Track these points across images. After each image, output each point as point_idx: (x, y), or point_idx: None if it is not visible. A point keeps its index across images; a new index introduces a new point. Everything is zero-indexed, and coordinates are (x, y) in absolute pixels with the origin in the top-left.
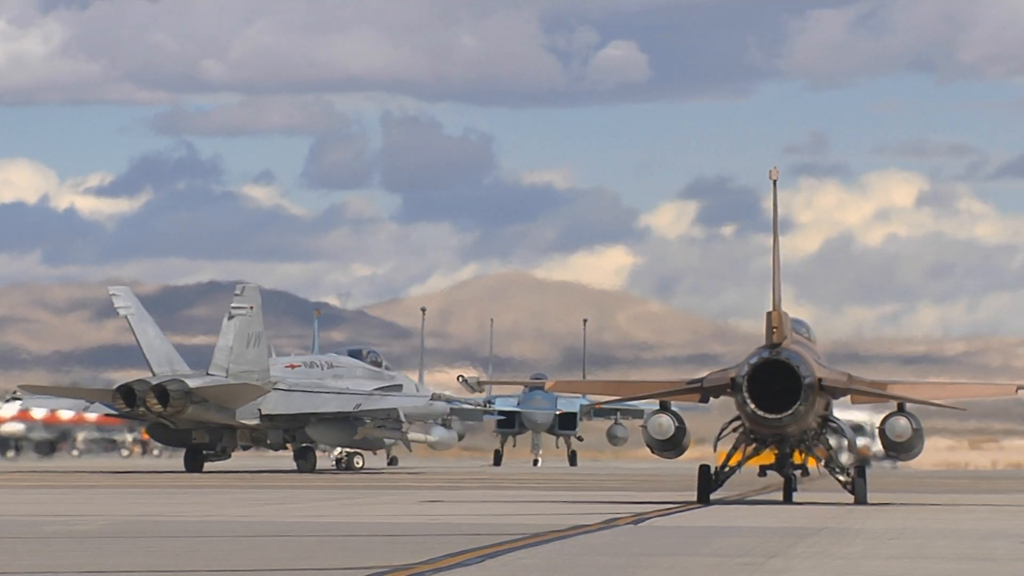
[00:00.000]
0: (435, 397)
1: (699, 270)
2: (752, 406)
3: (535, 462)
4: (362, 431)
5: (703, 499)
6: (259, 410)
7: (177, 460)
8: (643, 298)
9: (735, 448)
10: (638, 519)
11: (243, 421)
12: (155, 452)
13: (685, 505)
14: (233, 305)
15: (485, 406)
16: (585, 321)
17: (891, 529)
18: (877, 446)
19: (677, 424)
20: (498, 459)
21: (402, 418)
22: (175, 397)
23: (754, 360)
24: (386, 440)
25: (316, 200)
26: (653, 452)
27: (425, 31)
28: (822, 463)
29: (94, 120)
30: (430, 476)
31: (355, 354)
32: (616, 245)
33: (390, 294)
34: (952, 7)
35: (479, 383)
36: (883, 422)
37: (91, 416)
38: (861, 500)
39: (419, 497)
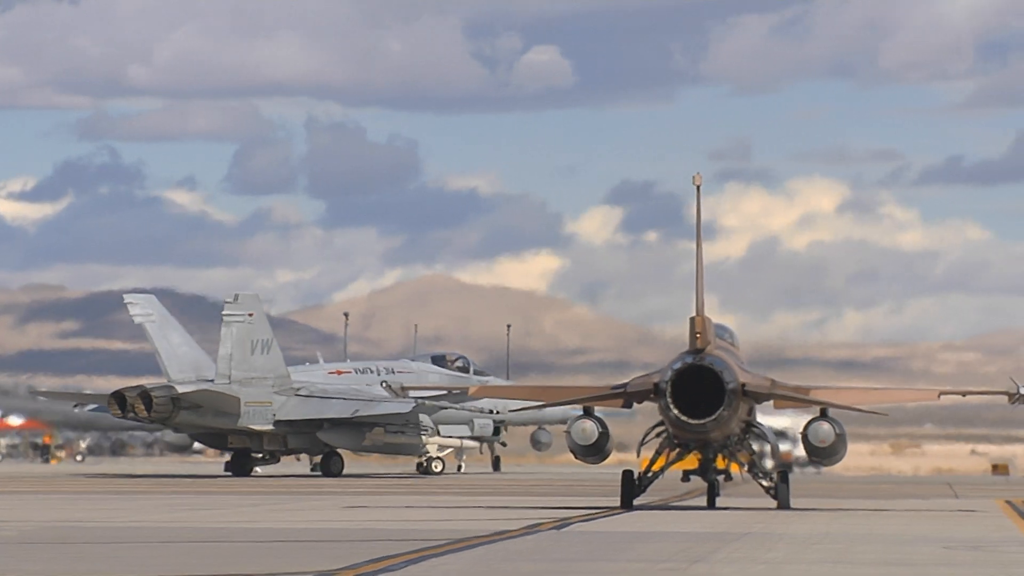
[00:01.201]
0: (419, 405)
1: (624, 275)
2: (675, 411)
3: (459, 468)
4: (370, 437)
5: (626, 504)
6: (273, 415)
7: (104, 465)
8: (568, 303)
9: (658, 453)
10: (561, 524)
11: (255, 427)
12: (78, 458)
13: (608, 510)
14: (225, 312)
15: (493, 413)
16: (509, 326)
17: (814, 534)
18: (800, 451)
19: (601, 429)
20: (421, 465)
21: (427, 424)
22: (159, 403)
23: (677, 365)
24: (411, 446)
25: (240, 206)
26: (577, 457)
27: (350, 36)
28: (745, 468)
29: (16, 125)
30: (354, 482)
31: (438, 359)
32: (541, 250)
33: (314, 299)
34: (874, 13)
35: (403, 388)
36: (806, 427)
37: (14, 422)
38: (784, 505)
39: (343, 503)
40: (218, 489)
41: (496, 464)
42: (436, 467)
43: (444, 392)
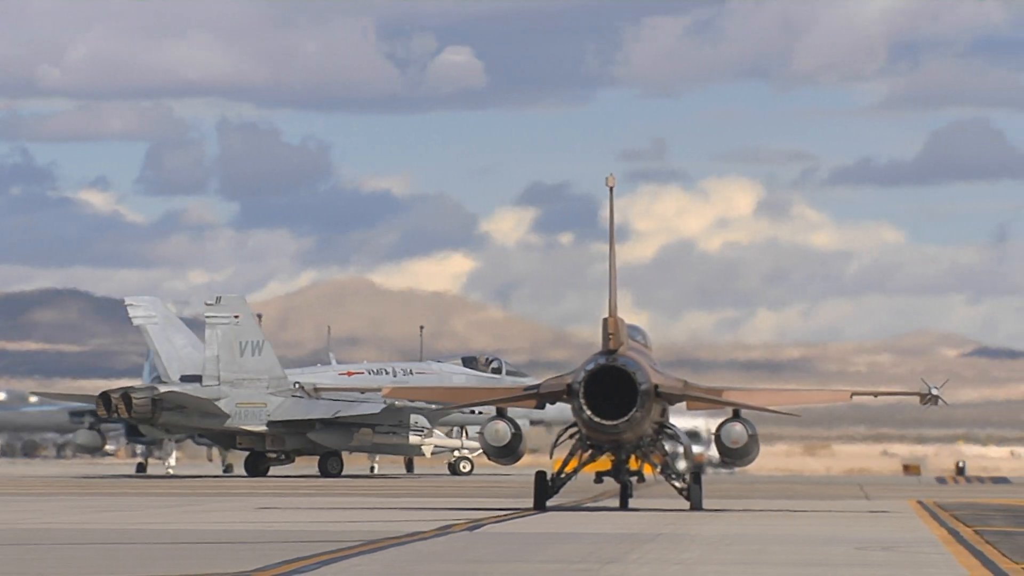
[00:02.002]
0: (394, 407)
1: (537, 276)
2: (588, 412)
3: (372, 469)
4: (358, 437)
5: (539, 505)
6: (268, 416)
7: (17, 467)
8: (481, 304)
9: (571, 454)
10: (474, 526)
11: (248, 427)
12: None
13: (521, 512)
14: (208, 315)
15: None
16: (422, 328)
17: (727, 535)
18: (713, 452)
19: (513, 430)
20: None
21: (421, 424)
22: (139, 404)
23: (590, 366)
24: (400, 446)
25: (153, 206)
26: (490, 458)
27: (263, 37)
28: (658, 469)
29: None
30: (266, 483)
31: (469, 361)
32: (455, 251)
33: None
34: (786, 15)
35: (316, 390)
36: (719, 428)
37: None
38: (697, 506)
39: (255, 504)
40: (130, 490)
41: (409, 466)
42: (464, 467)
43: (359, 392)
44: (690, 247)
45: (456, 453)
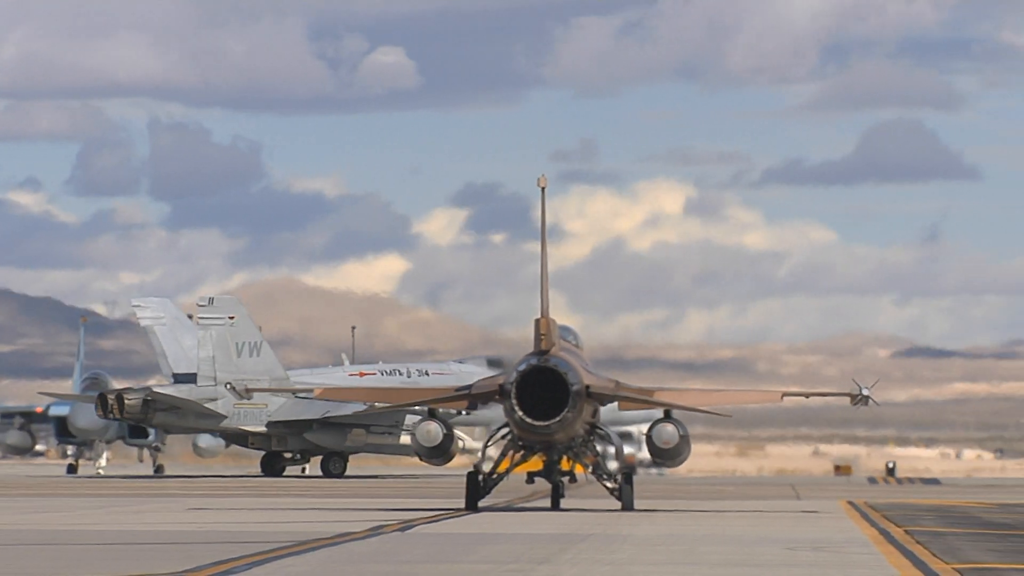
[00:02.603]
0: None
1: (469, 277)
2: (520, 413)
3: (303, 470)
4: (351, 437)
5: (471, 506)
6: (268, 417)
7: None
8: (413, 305)
9: (503, 455)
10: (406, 526)
11: (247, 428)
12: None
13: (453, 512)
14: (200, 316)
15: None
16: (354, 328)
17: (658, 535)
18: (644, 453)
19: (445, 431)
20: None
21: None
22: (130, 405)
23: (522, 367)
24: (394, 446)
25: (83, 207)
26: (421, 459)
27: (193, 38)
28: (590, 470)
29: None
30: (198, 484)
31: (494, 362)
32: (387, 252)
33: None
34: (716, 17)
35: (247, 390)
36: (650, 429)
37: None
38: (628, 506)
39: (187, 505)
40: (60, 491)
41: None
42: (486, 467)
43: (291, 393)
44: (621, 248)
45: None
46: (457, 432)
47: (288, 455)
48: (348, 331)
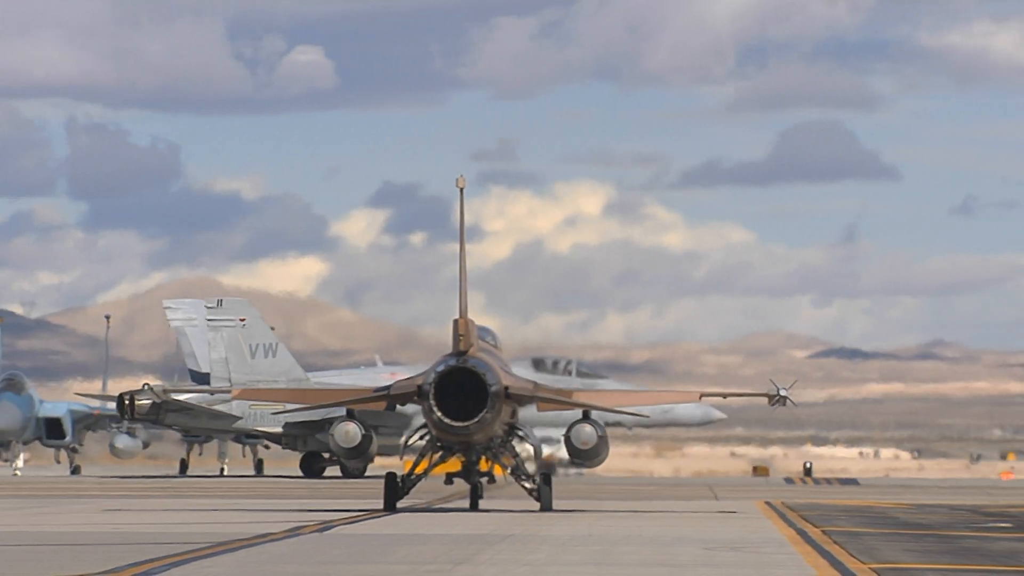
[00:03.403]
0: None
1: (388, 278)
2: (439, 414)
3: (221, 471)
4: None
5: (390, 507)
6: (284, 417)
7: None
8: (332, 306)
9: (422, 456)
10: (324, 527)
11: (264, 429)
12: None
13: (372, 513)
14: (209, 318)
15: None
16: (272, 329)
17: (576, 536)
18: (563, 453)
19: (364, 432)
20: (184, 468)
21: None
22: (140, 406)
23: (441, 368)
24: (391, 446)
25: (0, 207)
26: (339, 459)
27: (110, 37)
28: (508, 471)
29: None
30: (115, 485)
31: (538, 362)
32: (306, 253)
33: (77, 302)
34: (635, 17)
35: (165, 391)
36: (568, 430)
37: None
38: (547, 507)
39: (104, 506)
40: None
41: (259, 467)
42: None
43: (207, 394)
44: (541, 248)
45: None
46: None
47: (327, 455)
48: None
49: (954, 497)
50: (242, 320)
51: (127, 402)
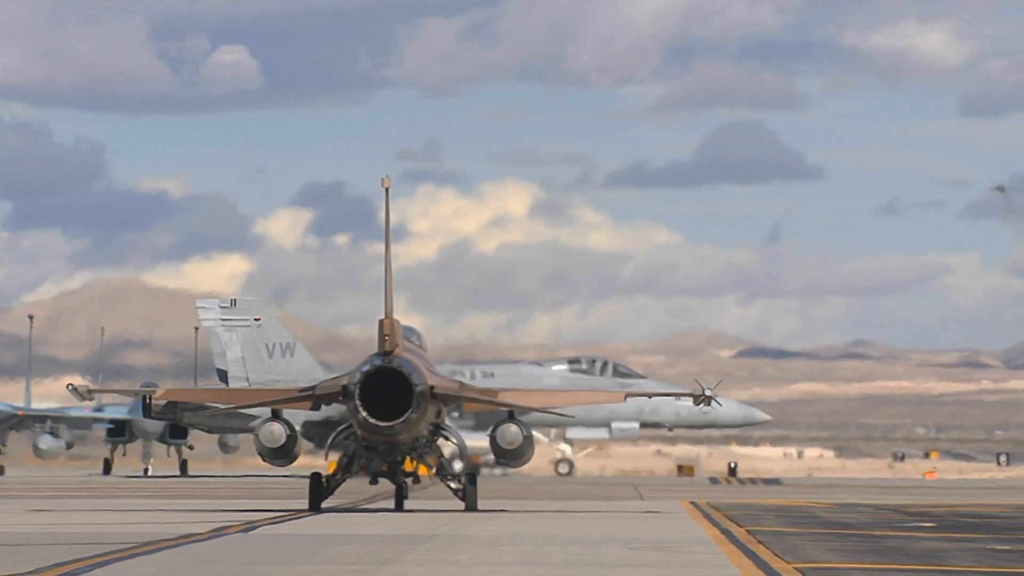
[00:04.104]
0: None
1: (313, 277)
2: (364, 414)
3: (145, 471)
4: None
5: (314, 507)
6: (304, 416)
7: None
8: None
9: (347, 456)
10: (249, 527)
11: None
12: None
13: (296, 513)
14: (223, 318)
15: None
16: (197, 329)
17: (501, 535)
18: (489, 453)
19: (289, 432)
20: (107, 468)
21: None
22: (156, 405)
23: (366, 368)
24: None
25: None
26: (265, 460)
27: (34, 36)
28: (433, 470)
29: None
30: (38, 485)
31: (573, 362)
32: (231, 252)
33: (2, 302)
34: (560, 18)
35: (88, 391)
36: (494, 430)
37: None
38: (472, 507)
39: (27, 506)
40: None
41: (183, 467)
42: (563, 469)
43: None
44: (467, 249)
45: (558, 455)
46: (536, 434)
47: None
48: (192, 332)
49: (878, 497)
50: (257, 319)
51: (147, 400)
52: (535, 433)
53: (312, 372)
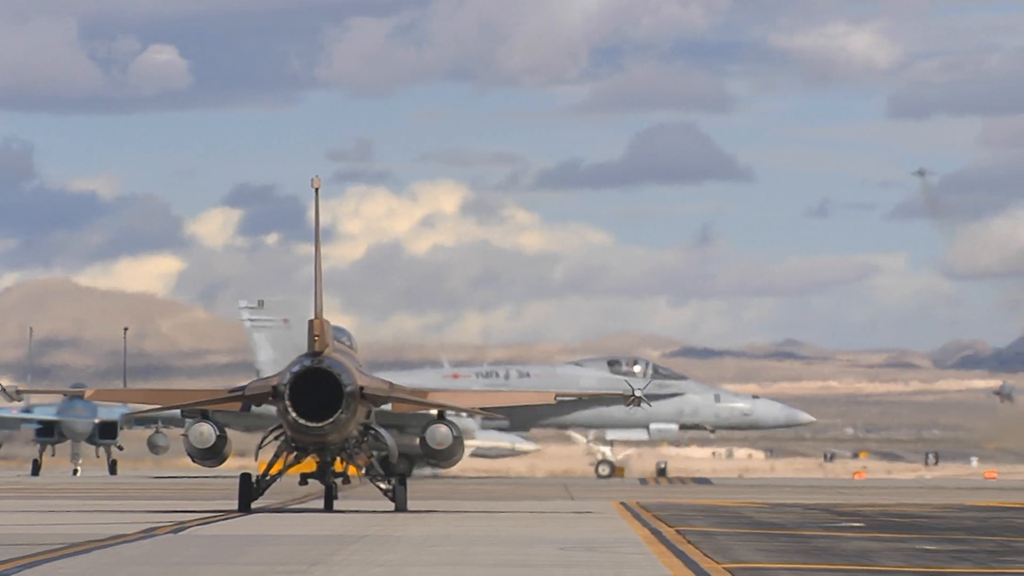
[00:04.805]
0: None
1: (244, 278)
2: (294, 414)
3: (75, 471)
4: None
5: (244, 508)
6: None
7: None
8: (187, 306)
9: (276, 456)
10: (178, 528)
11: None
12: None
13: (226, 514)
14: (252, 319)
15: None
16: (126, 329)
17: (431, 536)
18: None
19: (218, 433)
20: (36, 469)
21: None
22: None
23: (296, 368)
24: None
25: None
26: (194, 461)
27: None
28: (363, 471)
29: None
30: None
31: (613, 363)
32: (161, 252)
33: None
34: (490, 19)
35: (17, 392)
36: (423, 430)
37: None
38: (402, 507)
39: None
40: None
41: (113, 468)
42: (603, 471)
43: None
44: (398, 249)
45: (599, 456)
46: (575, 435)
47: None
48: (120, 332)
49: (807, 496)
50: (285, 320)
51: None
52: (574, 434)
53: None
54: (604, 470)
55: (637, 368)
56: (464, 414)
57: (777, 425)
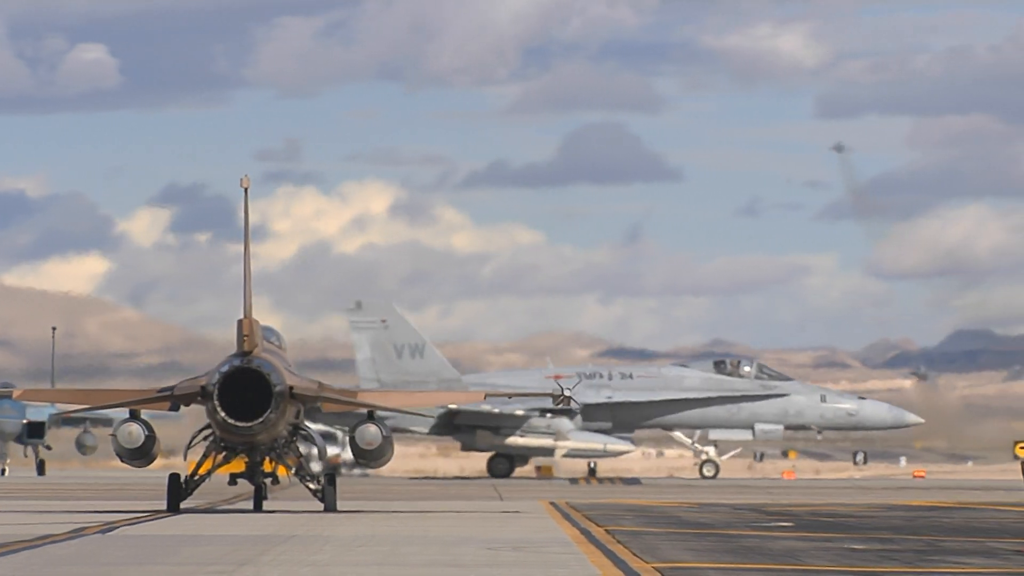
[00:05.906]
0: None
1: (173, 278)
2: (223, 414)
3: (2, 471)
4: (481, 436)
5: (173, 508)
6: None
7: None
8: (116, 306)
9: (205, 456)
10: (107, 528)
11: (415, 429)
12: None
13: (155, 514)
14: (352, 320)
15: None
16: (54, 329)
17: (360, 536)
18: (348, 454)
19: (147, 433)
20: None
21: (555, 428)
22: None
23: (225, 368)
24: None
25: None
26: (123, 461)
27: None
28: (293, 471)
29: None
30: None
31: (719, 364)
32: (90, 252)
33: None
34: (419, 19)
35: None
36: (353, 430)
37: None
38: (331, 508)
39: None
40: None
41: (41, 468)
42: (708, 471)
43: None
44: (327, 249)
45: (703, 456)
46: (679, 435)
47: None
48: (48, 332)
49: (737, 496)
50: (383, 321)
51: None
52: (677, 433)
53: (443, 372)
54: (709, 470)
55: (745, 368)
56: (558, 416)
57: (884, 427)
